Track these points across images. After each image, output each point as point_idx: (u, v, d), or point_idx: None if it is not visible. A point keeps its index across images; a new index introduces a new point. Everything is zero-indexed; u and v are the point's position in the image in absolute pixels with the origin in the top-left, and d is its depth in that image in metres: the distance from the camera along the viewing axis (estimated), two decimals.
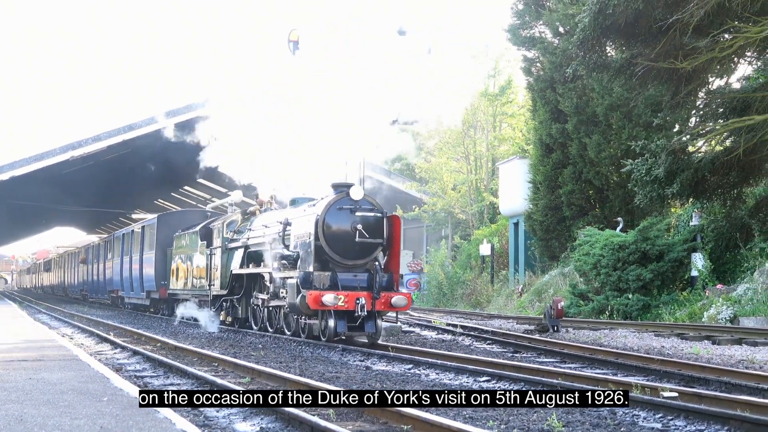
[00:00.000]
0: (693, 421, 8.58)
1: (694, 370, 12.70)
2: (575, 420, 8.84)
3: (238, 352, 16.92)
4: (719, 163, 24.04)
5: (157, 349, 18.00)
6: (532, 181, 35.55)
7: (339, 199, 18.26)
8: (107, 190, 56.08)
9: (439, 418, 8.04)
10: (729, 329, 19.44)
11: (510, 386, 11.44)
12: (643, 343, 17.77)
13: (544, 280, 33.15)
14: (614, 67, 24.06)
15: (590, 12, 21.84)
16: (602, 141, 31.61)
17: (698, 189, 25.07)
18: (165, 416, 8.10)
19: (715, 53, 21.61)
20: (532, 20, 35.49)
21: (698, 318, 22.59)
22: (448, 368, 13.15)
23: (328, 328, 17.57)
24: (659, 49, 22.23)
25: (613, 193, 32.03)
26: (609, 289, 26.13)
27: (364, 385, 11.71)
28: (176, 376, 13.02)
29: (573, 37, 23.83)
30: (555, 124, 33.86)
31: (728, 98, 23.68)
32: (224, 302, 24.80)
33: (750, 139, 22.58)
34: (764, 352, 15.39)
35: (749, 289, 22.18)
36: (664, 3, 21.41)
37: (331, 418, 8.82)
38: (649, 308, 25.17)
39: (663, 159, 24.13)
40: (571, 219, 32.99)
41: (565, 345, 17.13)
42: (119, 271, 39.93)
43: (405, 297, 18.24)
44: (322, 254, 18.12)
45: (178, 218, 33.55)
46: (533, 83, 36.03)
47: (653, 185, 24.57)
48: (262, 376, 12.59)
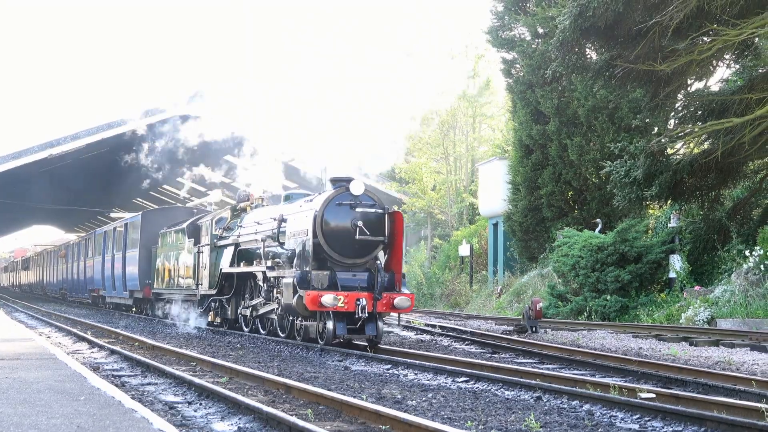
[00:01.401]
0: (670, 422, 8.61)
1: (671, 371, 12.74)
2: (553, 420, 8.85)
3: (216, 352, 16.88)
4: (697, 165, 24.17)
5: (135, 348, 17.91)
6: (512, 182, 35.59)
7: (338, 194, 17.44)
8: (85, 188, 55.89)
9: (416, 418, 8.03)
10: (706, 331, 19.52)
11: (488, 386, 11.45)
12: (621, 345, 17.82)
13: (523, 281, 33.20)
14: (594, 69, 24.14)
15: (570, 14, 21.88)
16: (583, 143, 31.69)
17: (676, 191, 25.19)
18: (142, 416, 8.06)
19: (694, 56, 21.71)
20: (511, 22, 35.55)
21: (676, 319, 22.67)
22: (427, 369, 13.15)
23: (327, 330, 16.71)
24: (638, 51, 22.30)
25: (591, 194, 32.13)
26: (587, 290, 26.19)
27: (342, 385, 11.69)
28: (154, 376, 12.97)
29: (553, 39, 23.89)
30: (535, 125, 33.92)
31: (707, 101, 23.80)
32: (213, 302, 23.92)
33: (728, 142, 22.69)
34: (741, 354, 15.46)
35: (726, 290, 22.27)
36: (643, 5, 21.49)
37: (309, 418, 8.80)
38: (627, 309, 25.24)
39: (642, 161, 24.24)
40: (550, 220, 33.06)
41: (544, 346, 17.15)
42: (101, 269, 39.17)
43: (408, 298, 17.33)
44: (320, 252, 17.25)
45: (163, 215, 32.85)
46: (513, 85, 36.07)
47: (632, 187, 24.68)
48: (240, 376, 12.55)
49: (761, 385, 10.94)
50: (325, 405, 9.70)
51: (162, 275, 29.29)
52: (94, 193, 58.54)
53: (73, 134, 41.16)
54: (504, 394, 10.88)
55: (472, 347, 18.26)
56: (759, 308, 20.58)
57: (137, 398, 10.22)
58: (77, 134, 40.98)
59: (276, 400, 10.26)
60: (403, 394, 10.83)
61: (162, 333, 23.04)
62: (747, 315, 20.47)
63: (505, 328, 23.07)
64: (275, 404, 9.84)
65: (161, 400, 10.37)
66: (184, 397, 10.67)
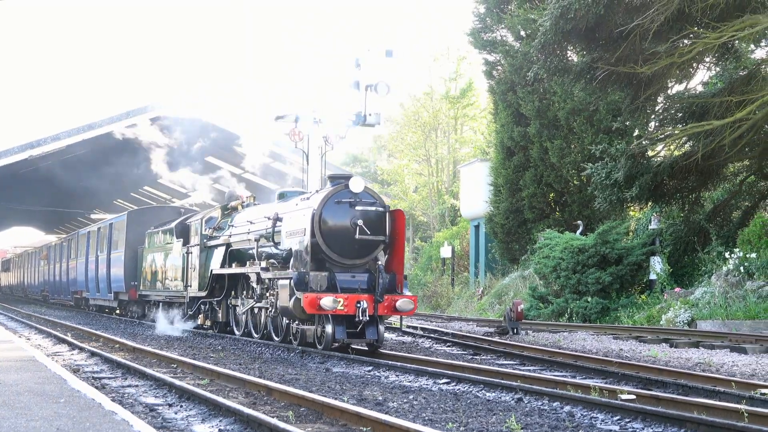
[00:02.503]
0: (650, 423, 8.64)
1: (651, 372, 12.78)
2: (534, 422, 8.87)
3: (197, 354, 16.83)
4: (678, 167, 24.26)
5: (116, 350, 17.84)
6: (494, 183, 35.65)
7: (337, 191, 16.65)
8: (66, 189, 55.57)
9: (398, 420, 8.03)
10: (686, 332, 19.59)
11: (470, 388, 11.46)
12: (602, 346, 17.87)
13: (505, 283, 33.25)
14: (575, 71, 24.20)
15: (551, 16, 21.94)
16: (564, 145, 31.79)
17: (657, 193, 25.29)
18: (122, 418, 8.03)
19: (674, 58, 21.80)
20: (493, 24, 35.64)
21: (656, 321, 22.74)
22: (408, 370, 13.15)
23: (326, 334, 15.91)
24: (619, 54, 22.38)
25: (572, 196, 32.23)
26: (568, 291, 26.25)
27: (323, 387, 11.68)
28: (134, 378, 12.92)
29: (534, 41, 23.94)
30: (516, 127, 33.99)
31: (687, 103, 23.92)
32: (202, 305, 23.09)
33: (708, 144, 22.79)
34: (721, 355, 15.53)
35: (707, 292, 22.36)
36: (624, 8, 21.57)
37: (290, 420, 8.79)
38: (607, 311, 25.31)
39: (622, 163, 24.31)
40: (531, 222, 33.13)
41: (525, 347, 17.17)
42: (84, 270, 38.38)
43: (411, 300, 16.56)
44: (318, 253, 16.48)
45: (150, 215, 32.11)
46: (495, 86, 36.14)
47: (613, 189, 24.76)
48: (221, 378, 12.53)
49: (740, 386, 10.99)
50: (306, 407, 9.69)
51: (148, 277, 28.49)
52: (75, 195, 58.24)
53: (54, 135, 40.89)
54: (485, 396, 10.89)
55: (453, 349, 18.27)
56: (738, 310, 20.68)
57: (117, 400, 10.19)
58: (58, 135, 40.71)
59: (257, 402, 10.24)
60: (384, 395, 10.83)
61: (143, 335, 22.95)
62: (727, 317, 20.56)
63: (487, 329, 23.10)
64: (256, 406, 9.83)
65: (142, 402, 10.33)
66: (164, 399, 10.64)
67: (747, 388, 10.87)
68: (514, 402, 10.32)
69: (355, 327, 16.05)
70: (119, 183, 54.43)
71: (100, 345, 19.19)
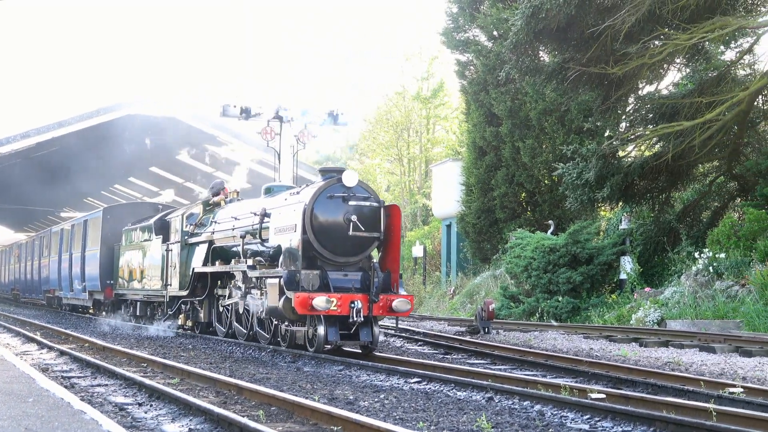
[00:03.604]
0: (620, 422, 8.67)
1: (621, 371, 12.83)
2: (504, 421, 8.88)
3: (167, 353, 16.73)
4: (648, 167, 24.43)
5: (86, 349, 17.72)
6: (465, 183, 35.73)
7: (329, 185, 15.79)
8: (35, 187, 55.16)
9: (368, 419, 8.02)
10: (656, 332, 19.68)
11: (441, 387, 11.47)
12: (573, 345, 17.93)
13: (476, 282, 33.31)
14: (546, 71, 24.32)
15: (523, 16, 22.04)
16: (536, 145, 31.92)
17: (627, 193, 25.44)
18: (92, 417, 7.97)
19: (645, 59, 21.94)
20: (466, 23, 35.72)
21: (626, 320, 22.85)
22: (379, 369, 13.13)
23: (318, 336, 15.04)
24: (591, 54, 22.52)
25: (543, 196, 32.36)
26: (539, 291, 26.33)
27: (294, 386, 11.65)
28: (104, 377, 12.84)
29: (506, 41, 24.03)
30: (488, 127, 34.09)
31: (657, 104, 24.08)
32: (183, 304, 22.17)
33: (678, 145, 22.95)
34: (690, 355, 15.62)
35: (676, 292, 22.48)
36: (596, 9, 21.69)
37: (261, 419, 8.76)
38: (578, 310, 25.41)
39: (593, 163, 24.44)
40: (503, 221, 33.24)
41: (496, 347, 17.19)
42: (57, 269, 37.37)
43: (408, 300, 15.73)
44: (309, 250, 15.59)
45: (126, 211, 30.88)
46: (467, 86, 36.23)
47: (584, 189, 24.89)
48: (191, 377, 12.47)
49: (709, 385, 11.05)
50: (277, 406, 9.66)
51: (126, 275, 27.53)
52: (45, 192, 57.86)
53: (23, 132, 40.56)
54: (456, 395, 10.90)
55: (425, 348, 18.27)
56: (708, 309, 20.81)
57: (87, 399, 10.11)
58: (27, 133, 40.35)
59: (227, 401, 10.20)
60: (355, 394, 10.81)
61: (113, 334, 22.81)
62: (696, 316, 20.68)
63: (458, 329, 23.13)
64: (227, 405, 9.79)
65: (111, 402, 10.26)
66: (134, 399, 10.57)
67: (716, 387, 10.93)
68: (485, 401, 10.33)
69: (348, 328, 15.28)
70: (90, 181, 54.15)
71: (70, 344, 19.05)
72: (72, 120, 40.27)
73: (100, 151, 40.93)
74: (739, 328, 19.25)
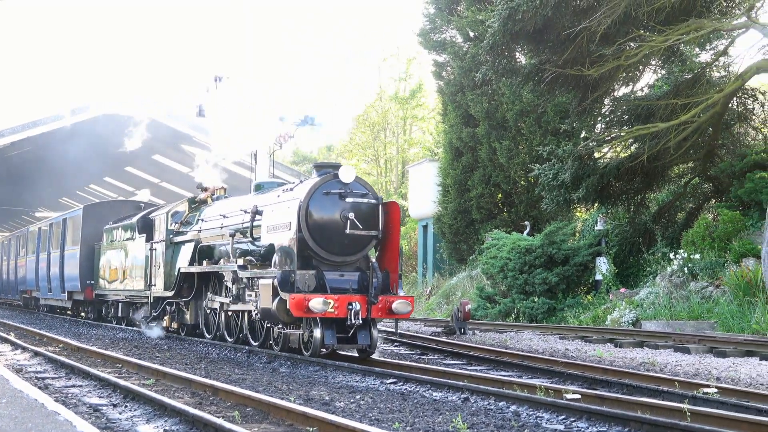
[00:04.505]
0: (595, 422, 8.69)
1: (596, 372, 12.87)
2: (480, 421, 8.89)
3: (143, 354, 16.65)
4: (624, 169, 24.52)
5: (60, 350, 17.60)
6: (442, 184, 35.78)
7: (325, 181, 15.02)
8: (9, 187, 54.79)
9: (344, 420, 8.01)
10: (631, 332, 19.76)
11: (416, 388, 11.46)
12: (548, 346, 17.96)
13: (452, 283, 33.35)
14: (523, 73, 24.38)
15: (500, 17, 22.07)
16: (512, 146, 32.00)
17: (603, 194, 25.53)
18: (66, 418, 7.92)
19: (621, 61, 22.03)
20: (443, 24, 35.77)
21: (602, 321, 22.92)
22: (355, 370, 13.12)
23: (314, 339, 14.30)
24: (567, 56, 22.58)
25: (519, 197, 32.45)
26: (515, 292, 26.37)
27: (270, 387, 11.63)
28: (78, 378, 12.76)
29: (483, 42, 24.06)
30: (465, 128, 34.16)
31: (633, 105, 24.18)
32: (168, 305, 21.21)
33: (654, 146, 23.06)
34: (665, 355, 15.68)
35: (651, 293, 22.58)
36: (572, 11, 21.75)
37: (236, 420, 8.73)
38: (554, 311, 25.47)
39: (569, 164, 24.52)
40: (479, 222, 33.30)
41: (472, 347, 17.21)
42: (34, 269, 36.40)
43: (408, 302, 14.96)
44: (304, 249, 14.80)
45: (107, 209, 30.01)
46: (444, 87, 36.28)
47: (560, 190, 24.96)
48: (167, 378, 12.41)
49: (684, 385, 11.10)
50: (253, 407, 9.63)
51: (107, 275, 26.61)
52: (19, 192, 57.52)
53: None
54: (432, 396, 10.90)
55: (401, 348, 18.27)
56: (682, 310, 20.91)
57: (61, 401, 10.05)
58: (1, 132, 40.08)
59: (203, 402, 10.16)
60: (331, 395, 10.80)
61: (87, 335, 22.67)
62: (671, 317, 20.78)
63: (434, 329, 23.14)
64: (202, 406, 9.75)
65: (85, 403, 10.20)
66: (109, 400, 10.51)
67: (690, 387, 10.99)
68: (461, 402, 10.33)
69: (346, 331, 14.54)
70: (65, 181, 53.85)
71: (44, 345, 18.91)
72: (47, 120, 40.00)
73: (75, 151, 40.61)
74: (713, 328, 19.36)
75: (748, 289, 19.93)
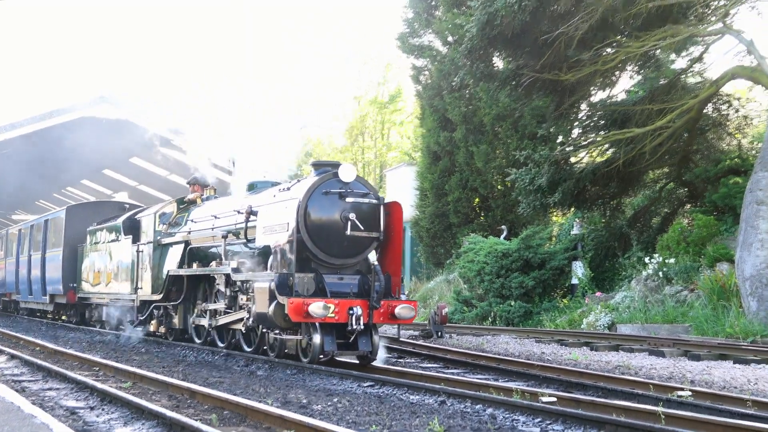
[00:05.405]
0: (570, 425, 8.73)
1: (572, 375, 12.91)
2: (456, 424, 8.91)
3: (120, 357, 16.59)
4: (600, 173, 24.62)
5: (37, 353, 17.50)
6: (420, 188, 35.82)
7: (324, 181, 14.27)
8: None
9: (321, 423, 8.01)
10: (607, 336, 19.83)
11: (393, 391, 11.47)
12: (524, 349, 17.99)
13: (430, 286, 33.37)
14: (500, 77, 24.44)
15: (478, 22, 22.13)
16: (489, 151, 32.08)
17: (579, 199, 25.62)
18: (42, 421, 7.90)
19: (597, 66, 22.14)
20: (421, 29, 35.82)
21: (578, 325, 22.99)
22: (333, 373, 13.09)
23: (313, 345, 13.55)
24: (544, 61, 22.66)
25: (496, 201, 32.52)
26: (492, 295, 26.42)
27: (248, 390, 11.61)
28: (55, 381, 12.70)
29: (461, 47, 24.12)
30: (443, 132, 34.20)
31: (609, 110, 24.30)
32: (155, 309, 20.51)
33: (630, 151, 23.18)
34: (640, 358, 15.75)
35: (626, 297, 22.67)
36: (549, 16, 21.83)
37: (213, 423, 8.72)
38: (530, 315, 25.53)
39: (546, 169, 24.59)
40: (456, 226, 33.35)
41: (449, 351, 17.21)
42: (14, 271, 35.63)
43: (411, 306, 14.28)
44: (302, 251, 14.01)
45: (91, 210, 29.24)
46: (422, 91, 36.33)
47: (536, 194, 25.03)
48: (144, 381, 12.37)
49: (658, 388, 11.16)
50: (230, 410, 9.62)
51: (90, 278, 25.98)
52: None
53: None
54: (409, 399, 10.91)
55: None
56: (657, 314, 21.01)
57: (38, 403, 10.01)
58: None
59: (180, 405, 10.13)
60: (308, 398, 10.79)
61: (64, 337, 22.54)
62: (646, 320, 20.87)
63: (412, 333, 23.14)
64: (179, 409, 9.73)
65: (62, 406, 10.16)
66: (86, 402, 10.47)
67: (664, 390, 11.05)
68: (438, 405, 10.35)
69: (345, 337, 13.82)
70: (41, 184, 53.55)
71: (21, 348, 18.80)
72: (24, 122, 39.64)
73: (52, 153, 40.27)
74: (687, 332, 19.46)
75: (722, 294, 20.05)
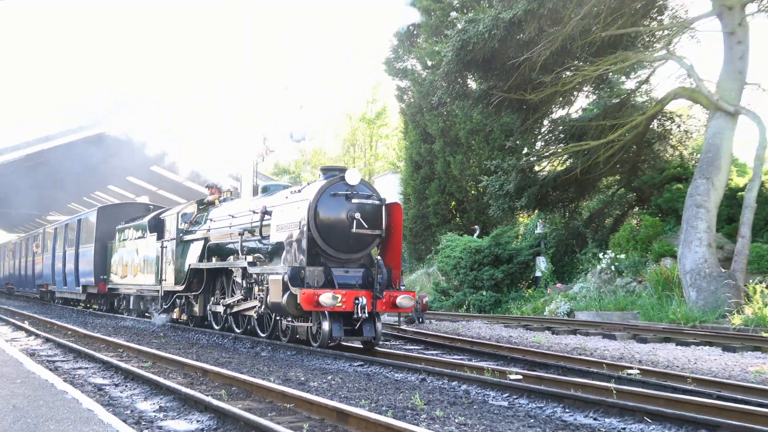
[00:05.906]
0: (534, 399, 8.73)
1: (536, 356, 12.90)
2: (435, 399, 8.90)
3: (141, 340, 16.52)
4: (560, 180, 24.66)
5: (68, 336, 17.43)
6: (403, 193, 35.81)
7: (332, 183, 14.32)
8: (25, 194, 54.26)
9: (317, 398, 7.99)
10: (566, 322, 19.84)
11: (380, 370, 11.46)
12: (495, 333, 17.97)
13: (412, 278, 33.36)
14: (474, 97, 24.46)
15: (453, 47, 22.15)
16: (464, 160, 32.10)
17: (542, 202, 25.66)
18: (73, 396, 7.85)
19: (558, 87, 22.16)
20: (404, 54, 35.85)
21: (541, 312, 23.01)
22: (327, 355, 13.07)
23: (323, 332, 13.56)
24: (512, 83, 22.69)
25: (470, 204, 32.55)
26: (466, 286, 26.42)
27: (253, 369, 11.58)
28: (85, 361, 12.65)
29: (439, 70, 24.13)
30: (423, 144, 34.23)
31: (568, 126, 24.33)
32: (178, 299, 20.46)
33: (586, 161, 23.23)
34: (594, 341, 15.76)
35: (583, 287, 22.71)
36: (516, 43, 21.85)
37: (223, 398, 8.69)
38: (500, 303, 25.54)
39: (513, 176, 24.61)
40: (435, 226, 33.36)
41: (429, 334, 17.21)
42: (51, 264, 35.66)
43: (410, 296, 14.39)
44: (313, 247, 14.07)
45: (119, 211, 29.25)
46: (405, 109, 36.35)
47: (505, 198, 25.05)
48: (162, 361, 12.32)
49: (611, 367, 11.17)
50: (237, 386, 9.59)
51: (119, 270, 25.89)
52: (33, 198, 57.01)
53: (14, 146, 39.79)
54: (394, 376, 10.89)
55: None
56: (610, 303, 21.04)
57: (69, 381, 9.96)
58: (18, 146, 39.58)
59: (194, 383, 10.10)
60: (306, 376, 10.77)
61: (93, 323, 22.44)
62: (600, 308, 20.90)
63: (396, 319, 23.10)
64: (193, 386, 9.70)
65: (90, 383, 10.11)
66: (111, 380, 10.42)
67: (616, 369, 11.06)
68: (419, 382, 10.34)
69: (351, 324, 13.87)
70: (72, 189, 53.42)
71: (54, 332, 18.71)
72: (57, 135, 39.57)
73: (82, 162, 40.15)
74: (636, 318, 19.50)
75: (666, 285, 20.11)
